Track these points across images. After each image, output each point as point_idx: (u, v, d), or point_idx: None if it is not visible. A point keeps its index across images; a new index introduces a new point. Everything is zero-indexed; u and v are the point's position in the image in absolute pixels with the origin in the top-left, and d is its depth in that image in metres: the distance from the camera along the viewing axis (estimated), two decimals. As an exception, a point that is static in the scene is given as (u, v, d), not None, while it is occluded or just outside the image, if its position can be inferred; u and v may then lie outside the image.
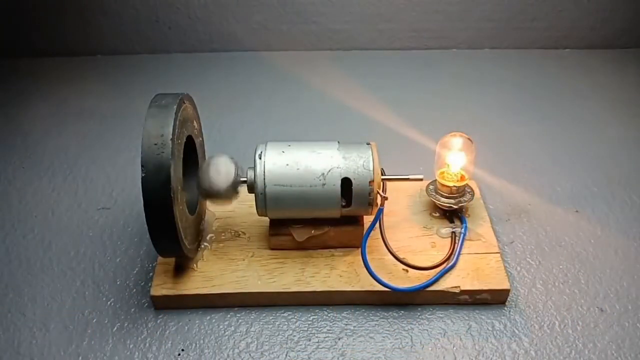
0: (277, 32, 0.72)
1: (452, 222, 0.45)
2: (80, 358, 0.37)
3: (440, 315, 0.40)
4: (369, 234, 0.40)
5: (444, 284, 0.40)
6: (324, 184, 0.39)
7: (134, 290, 0.42)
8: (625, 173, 0.54)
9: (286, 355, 0.38)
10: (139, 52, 0.73)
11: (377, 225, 0.40)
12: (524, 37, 0.73)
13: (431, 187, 0.46)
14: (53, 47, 0.72)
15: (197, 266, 0.41)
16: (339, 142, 0.41)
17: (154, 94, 0.38)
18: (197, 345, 0.38)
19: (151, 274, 0.43)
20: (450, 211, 0.46)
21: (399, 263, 0.40)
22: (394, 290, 0.39)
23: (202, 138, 0.45)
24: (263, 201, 0.39)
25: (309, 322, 0.40)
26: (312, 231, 0.42)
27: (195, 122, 0.43)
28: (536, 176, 0.53)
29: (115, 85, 0.67)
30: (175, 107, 0.36)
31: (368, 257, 0.39)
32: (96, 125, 0.61)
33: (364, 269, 0.39)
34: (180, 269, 0.41)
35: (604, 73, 0.70)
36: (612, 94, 0.66)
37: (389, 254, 0.40)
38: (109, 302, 0.41)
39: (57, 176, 0.46)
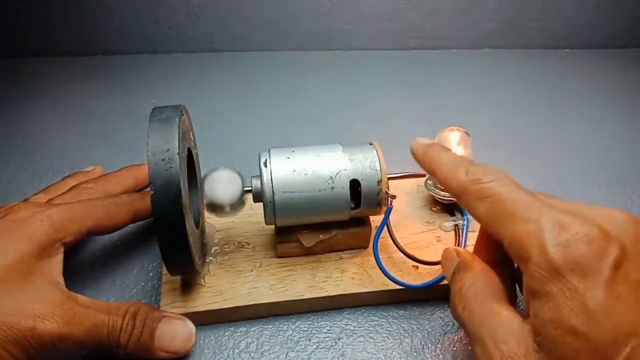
0: (277, 32, 0.72)
1: (452, 215, 0.46)
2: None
3: (441, 316, 0.40)
4: (379, 233, 0.40)
5: None
6: (332, 188, 0.39)
7: (134, 290, 0.42)
8: (625, 173, 0.54)
9: (286, 355, 0.38)
10: (139, 52, 0.73)
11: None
12: (524, 37, 0.73)
13: (429, 182, 0.47)
14: (53, 47, 0.72)
15: (204, 281, 0.40)
16: (341, 144, 0.41)
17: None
18: (197, 345, 0.38)
19: (151, 274, 0.43)
20: (450, 204, 0.46)
21: (408, 260, 0.41)
22: (409, 288, 0.39)
23: (197, 150, 0.44)
24: (272, 210, 0.39)
25: (309, 322, 0.40)
26: (320, 235, 0.41)
27: (191, 133, 0.42)
28: (535, 176, 0.53)
29: (115, 85, 0.67)
30: (177, 119, 0.35)
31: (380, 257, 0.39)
32: (96, 125, 0.61)
33: (375, 269, 0.40)
34: (187, 285, 0.40)
35: (604, 73, 0.70)
36: (612, 94, 0.66)
37: (397, 252, 0.40)
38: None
39: (57, 176, 0.46)
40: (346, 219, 0.41)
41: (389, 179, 0.40)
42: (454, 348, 0.38)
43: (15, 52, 0.72)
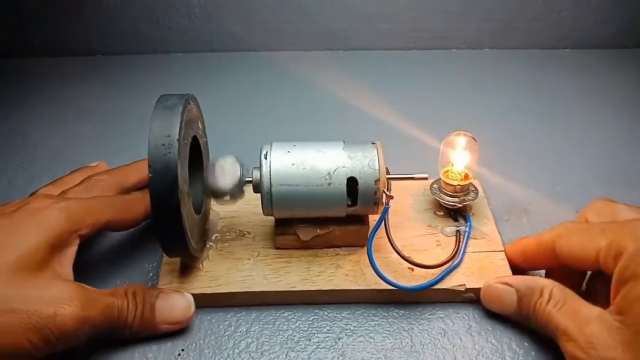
0: (277, 32, 0.72)
1: (456, 220, 0.45)
2: (79, 356, 0.37)
3: (441, 316, 0.40)
4: (374, 232, 0.40)
5: (449, 282, 0.40)
6: (329, 183, 0.39)
7: (134, 290, 0.42)
8: (626, 173, 0.54)
9: (286, 355, 0.38)
10: (139, 52, 0.73)
11: (383, 224, 0.40)
12: (524, 37, 0.73)
13: (435, 186, 0.46)
14: (53, 47, 0.72)
15: (202, 266, 0.42)
16: (344, 141, 0.41)
17: (154, 94, 0.38)
18: (197, 345, 0.38)
19: (151, 274, 0.43)
20: (455, 210, 0.46)
21: (404, 262, 0.41)
22: (400, 289, 0.39)
23: (206, 138, 0.45)
24: (269, 201, 0.39)
25: (309, 322, 0.40)
26: (318, 230, 0.42)
27: (199, 122, 0.43)
28: (536, 176, 0.53)
29: (115, 85, 0.67)
30: (181, 107, 0.36)
31: (374, 256, 0.39)
32: (96, 126, 0.61)
33: (370, 267, 0.39)
34: (186, 268, 0.41)
35: (604, 73, 0.70)
36: (612, 93, 0.66)
37: (394, 253, 0.40)
38: (109, 302, 0.41)
39: (57, 176, 0.46)
40: (343, 215, 0.41)
41: (391, 179, 0.41)
42: (454, 348, 0.38)
43: (15, 53, 0.72)
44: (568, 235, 0.37)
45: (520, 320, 0.38)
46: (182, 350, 0.38)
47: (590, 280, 0.39)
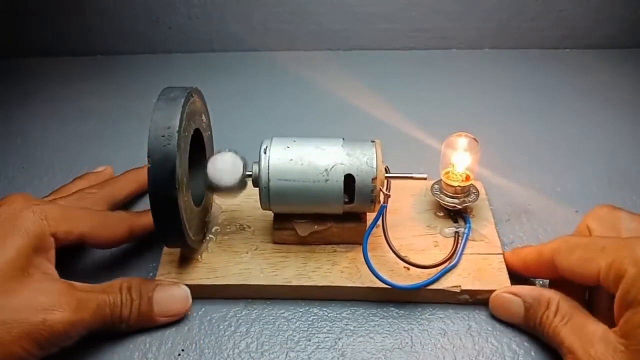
0: (277, 32, 0.72)
1: (456, 222, 0.45)
2: (78, 358, 0.37)
3: (440, 316, 0.40)
4: (370, 230, 0.40)
5: (444, 283, 0.40)
6: (327, 180, 0.39)
7: (134, 290, 0.42)
8: (626, 173, 0.54)
9: (286, 355, 0.38)
10: (139, 52, 0.73)
11: (380, 222, 0.40)
12: (524, 37, 0.73)
13: (436, 186, 0.46)
14: (53, 47, 0.72)
15: (201, 257, 0.42)
16: (343, 139, 0.41)
17: (154, 94, 0.38)
18: (197, 345, 0.38)
19: (151, 274, 0.43)
20: (455, 211, 0.46)
21: (400, 261, 0.41)
22: (394, 288, 0.39)
23: (211, 132, 0.46)
24: (267, 195, 0.40)
25: (309, 322, 0.40)
26: (315, 226, 0.42)
27: (203, 115, 0.44)
28: (536, 176, 0.53)
29: (115, 85, 0.67)
30: (183, 100, 0.37)
31: (370, 255, 0.39)
32: (96, 125, 0.61)
33: (365, 265, 0.39)
34: (185, 259, 0.42)
35: (604, 73, 0.70)
36: (613, 94, 0.66)
37: (391, 251, 0.40)
38: (109, 302, 0.41)
39: (57, 176, 0.47)
40: (340, 212, 0.41)
41: (390, 178, 0.41)
42: (454, 348, 0.38)
43: (15, 53, 0.72)
44: (568, 250, 0.36)
45: (528, 330, 0.38)
46: (182, 350, 0.38)
47: (592, 291, 0.38)
